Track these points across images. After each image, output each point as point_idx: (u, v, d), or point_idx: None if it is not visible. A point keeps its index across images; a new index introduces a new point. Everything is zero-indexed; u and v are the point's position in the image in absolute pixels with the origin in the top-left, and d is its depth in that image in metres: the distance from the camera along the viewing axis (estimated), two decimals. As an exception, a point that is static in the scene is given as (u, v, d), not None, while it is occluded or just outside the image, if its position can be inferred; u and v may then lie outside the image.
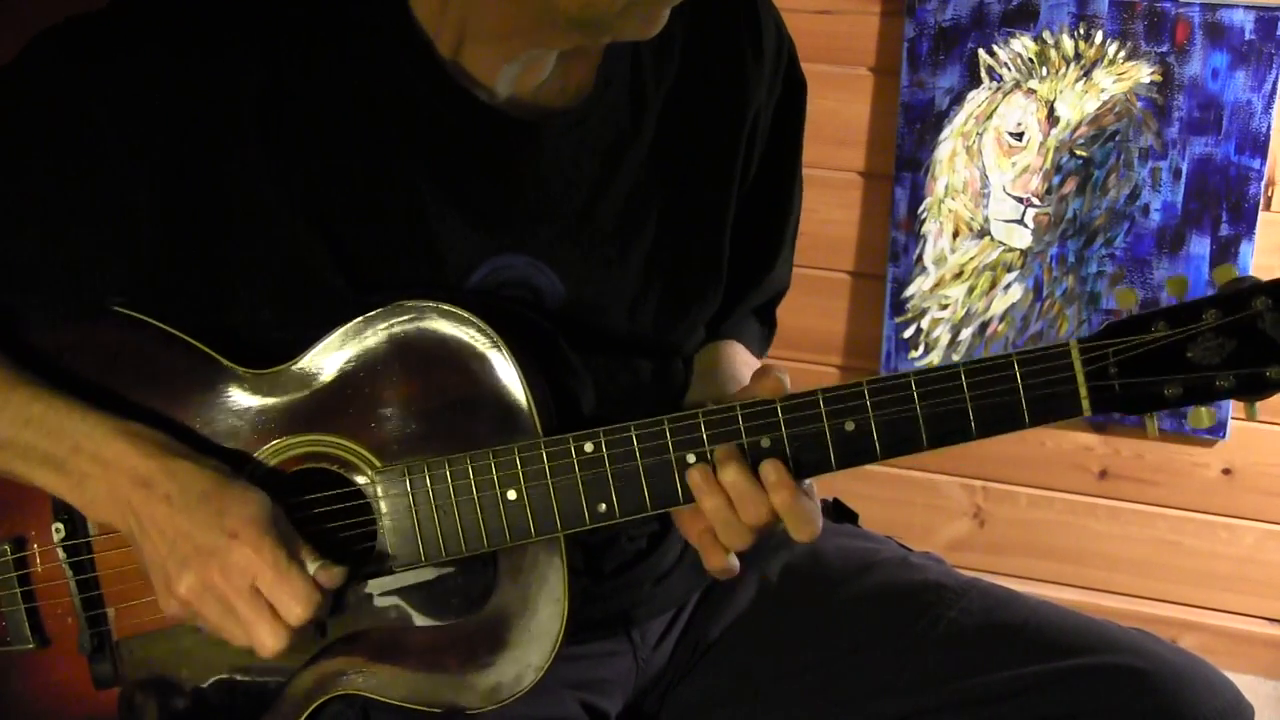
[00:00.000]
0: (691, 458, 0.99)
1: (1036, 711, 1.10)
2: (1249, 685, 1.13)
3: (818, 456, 0.99)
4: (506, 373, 1.00)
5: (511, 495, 0.99)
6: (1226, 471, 2.16)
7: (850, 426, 0.98)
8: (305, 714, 1.03)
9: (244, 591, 0.95)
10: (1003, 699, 1.11)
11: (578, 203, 1.07)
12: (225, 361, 1.01)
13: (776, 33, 1.16)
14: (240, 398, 1.01)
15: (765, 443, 0.98)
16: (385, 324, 1.00)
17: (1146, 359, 0.96)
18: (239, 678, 1.03)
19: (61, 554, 1.02)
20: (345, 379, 1.00)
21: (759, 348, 1.31)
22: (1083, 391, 0.97)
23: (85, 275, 1.02)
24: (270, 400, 1.01)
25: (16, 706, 1.05)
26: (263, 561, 0.94)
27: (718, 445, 0.98)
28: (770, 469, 0.98)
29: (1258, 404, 0.97)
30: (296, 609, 0.94)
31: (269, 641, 0.95)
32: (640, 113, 1.09)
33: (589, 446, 0.99)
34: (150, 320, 1.02)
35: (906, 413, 0.98)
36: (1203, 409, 0.97)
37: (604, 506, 0.99)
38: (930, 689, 1.13)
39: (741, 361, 1.24)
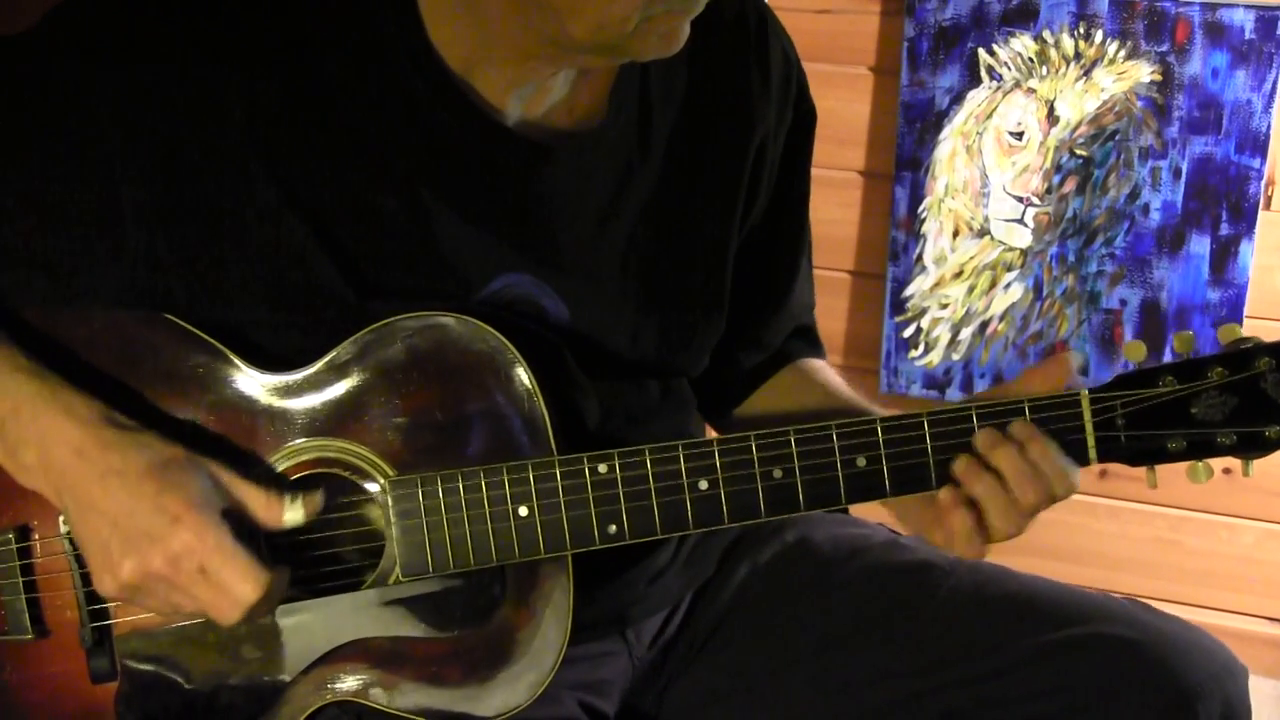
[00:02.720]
0: (704, 484, 0.99)
1: (1030, 686, 1.10)
2: (1249, 684, 1.13)
3: (829, 491, 1.00)
4: (524, 389, 1.00)
5: (523, 512, 0.99)
6: (1227, 471, 2.14)
7: (862, 463, 0.99)
8: (302, 719, 1.02)
9: (192, 575, 0.94)
10: (997, 676, 1.11)
11: (584, 228, 1.07)
12: (242, 363, 1.01)
13: (785, 59, 1.16)
14: (256, 400, 1.01)
15: (777, 474, 0.99)
16: (404, 333, 1.00)
17: (1152, 412, 0.98)
18: (238, 678, 1.03)
19: (67, 545, 1.01)
20: (361, 386, 1.00)
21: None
22: (1090, 441, 0.99)
23: (68, 268, 1.01)
24: (286, 403, 1.01)
25: (11, 697, 1.05)
26: (205, 545, 0.93)
27: (979, 432, 0.98)
28: (1020, 428, 0.98)
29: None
30: (246, 589, 0.94)
31: (226, 616, 0.95)
32: (648, 139, 1.09)
33: (603, 468, 0.99)
34: (170, 318, 1.01)
35: (918, 453, 1.00)
36: (1200, 465, 0.99)
37: (614, 528, 1.00)
38: (925, 671, 1.14)
39: (823, 370, 1.26)
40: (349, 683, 1.02)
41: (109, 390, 1.00)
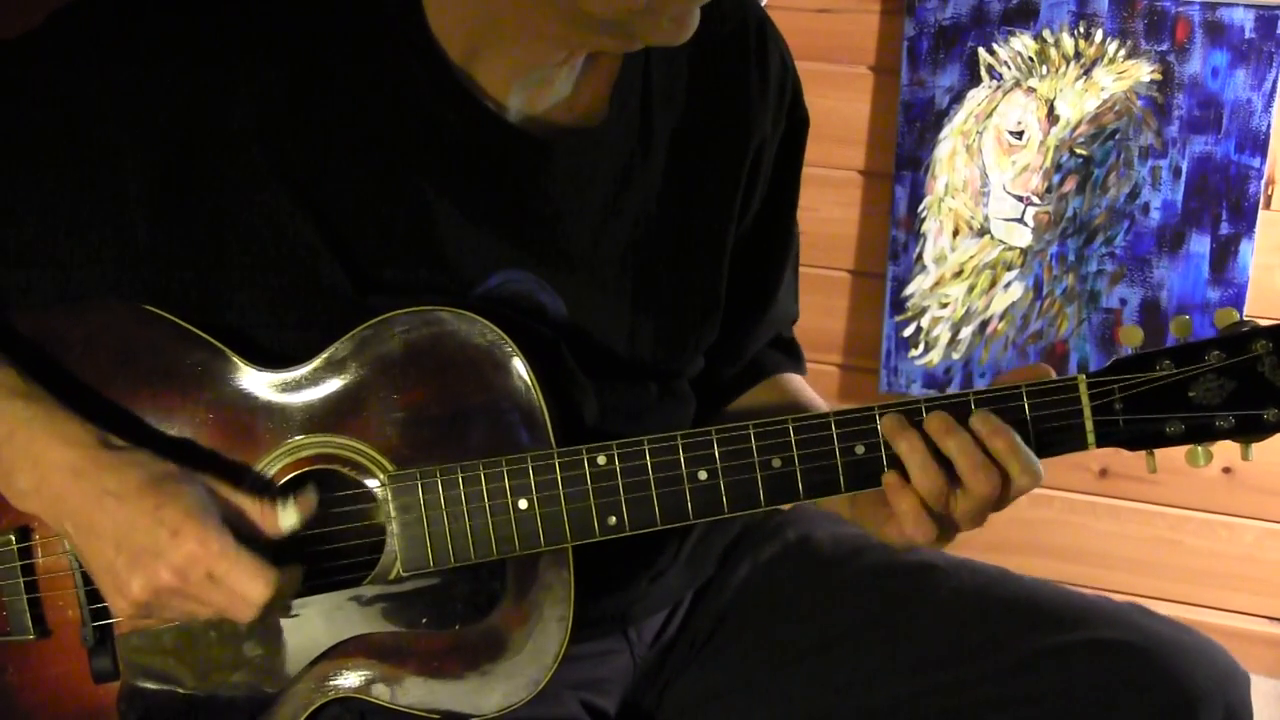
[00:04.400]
0: (703, 474, 0.99)
1: (1031, 689, 1.10)
2: (1250, 684, 1.13)
3: (827, 479, 1.00)
4: (523, 382, 1.00)
5: (523, 505, 0.99)
6: (1227, 470, 2.16)
7: (860, 450, 0.99)
8: (304, 716, 1.02)
9: (202, 583, 0.94)
10: (998, 678, 1.12)
11: (583, 227, 1.07)
12: (240, 360, 1.01)
13: (782, 64, 1.17)
14: (255, 397, 1.01)
15: (776, 463, 0.99)
16: (402, 328, 1.00)
17: (1150, 396, 0.98)
18: (240, 676, 1.03)
19: (68, 544, 1.01)
20: (360, 382, 1.00)
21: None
22: (1089, 425, 0.99)
23: (76, 266, 1.01)
24: (285, 400, 1.01)
25: (13, 698, 1.05)
26: (210, 553, 0.93)
27: (930, 416, 0.97)
28: (980, 420, 0.97)
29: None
30: (257, 587, 0.94)
31: (242, 617, 0.96)
32: (648, 139, 1.09)
33: (602, 459, 0.99)
34: (167, 316, 1.01)
35: None
36: (1199, 448, 0.99)
37: (614, 519, 1.00)
38: (925, 672, 1.14)
39: (802, 387, 1.26)
40: (351, 679, 1.02)
41: (108, 391, 1.01)
